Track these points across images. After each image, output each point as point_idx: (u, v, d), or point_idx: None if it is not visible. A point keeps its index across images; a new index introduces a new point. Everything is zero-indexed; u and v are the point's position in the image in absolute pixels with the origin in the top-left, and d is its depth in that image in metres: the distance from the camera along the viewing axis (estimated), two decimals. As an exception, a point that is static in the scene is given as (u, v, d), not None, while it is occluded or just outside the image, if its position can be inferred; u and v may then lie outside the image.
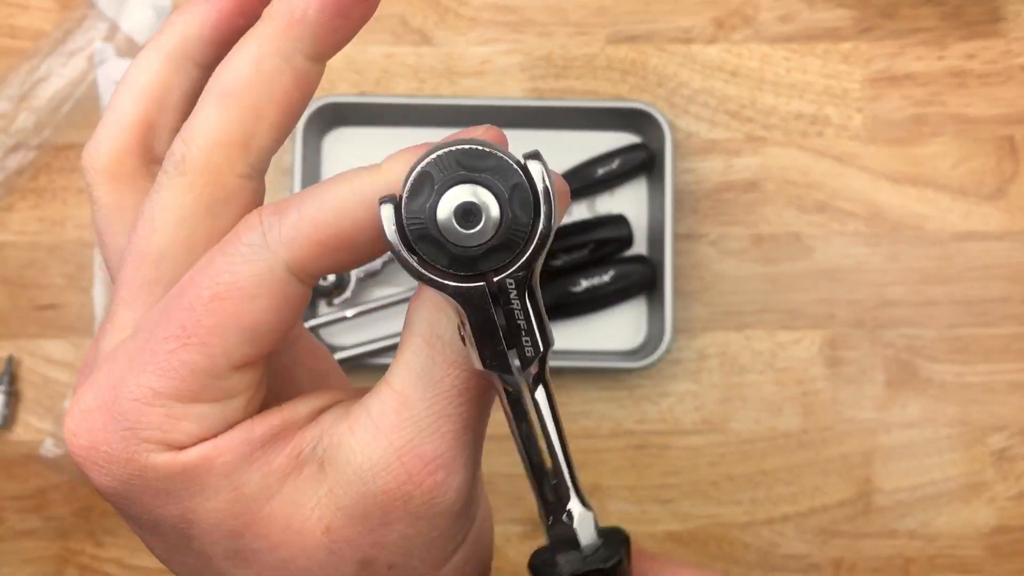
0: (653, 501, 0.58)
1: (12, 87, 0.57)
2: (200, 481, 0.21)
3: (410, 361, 0.21)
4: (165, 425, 0.20)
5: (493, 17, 0.61)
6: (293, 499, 0.21)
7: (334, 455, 0.21)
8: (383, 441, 0.21)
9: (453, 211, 0.19)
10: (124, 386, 0.20)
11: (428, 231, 0.19)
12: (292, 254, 0.20)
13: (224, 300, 0.20)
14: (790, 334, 0.59)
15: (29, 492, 0.57)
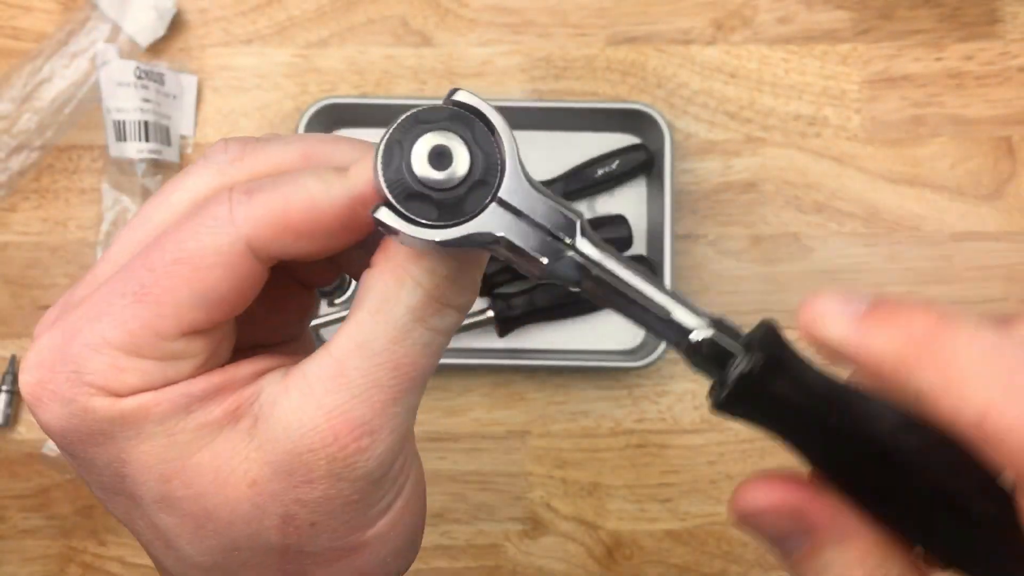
0: (652, 500, 0.58)
1: (15, 88, 0.58)
2: (136, 426, 0.22)
3: (353, 331, 0.22)
4: (108, 373, 0.21)
5: (493, 18, 0.61)
6: (223, 450, 0.22)
7: (267, 412, 0.22)
8: (314, 402, 0.22)
9: (427, 158, 0.21)
10: (79, 332, 0.22)
11: (411, 187, 0.21)
12: (255, 232, 0.22)
13: (183, 264, 0.21)
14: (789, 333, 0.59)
15: (32, 491, 0.58)
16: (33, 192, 0.59)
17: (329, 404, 0.22)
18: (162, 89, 0.58)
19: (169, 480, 0.22)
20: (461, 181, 0.21)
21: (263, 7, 0.61)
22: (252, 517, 0.22)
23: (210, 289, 0.22)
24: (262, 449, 0.22)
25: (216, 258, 0.21)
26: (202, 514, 0.22)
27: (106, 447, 0.22)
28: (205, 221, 0.22)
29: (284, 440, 0.22)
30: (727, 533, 0.58)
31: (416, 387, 0.23)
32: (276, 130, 0.60)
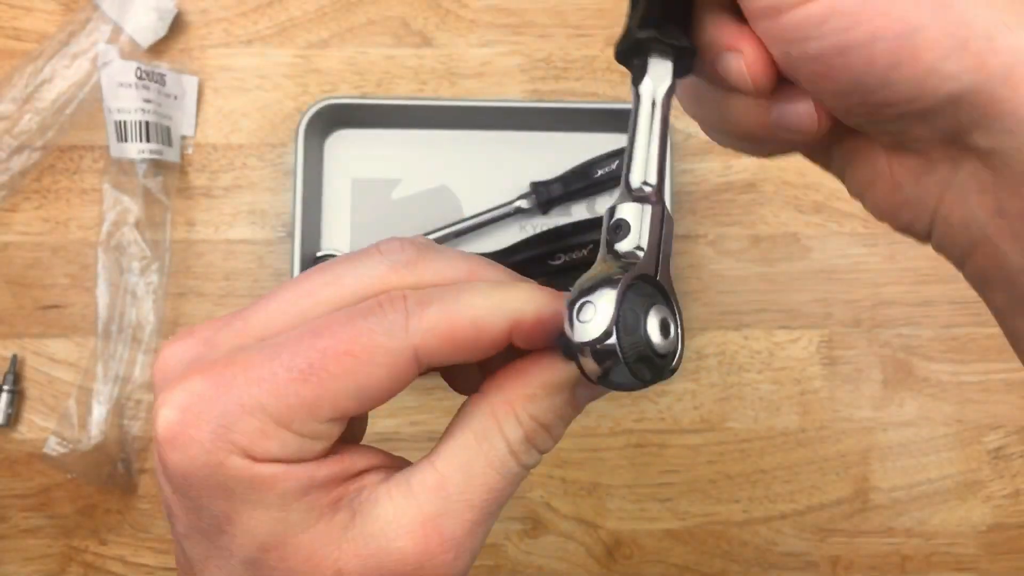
0: (652, 499, 0.59)
1: (16, 89, 0.58)
2: (260, 493, 0.23)
3: (457, 450, 0.24)
4: (255, 437, 0.22)
5: (493, 19, 0.61)
6: (321, 536, 0.23)
7: (368, 509, 0.24)
8: (414, 509, 0.24)
9: (659, 327, 0.23)
10: (235, 389, 0.23)
11: (644, 352, 0.23)
12: (424, 343, 0.23)
13: (354, 358, 0.23)
14: (788, 334, 0.60)
15: (33, 490, 0.58)
16: (34, 192, 0.59)
17: (427, 512, 0.24)
18: (163, 90, 0.58)
19: (268, 550, 0.23)
20: (676, 348, 0.24)
21: (264, 8, 0.61)
22: None
23: (372, 386, 0.23)
24: (355, 542, 0.23)
25: (385, 359, 0.23)
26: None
27: (222, 501, 0.23)
28: (383, 323, 0.23)
29: (379, 538, 0.23)
30: (727, 533, 0.59)
31: (496, 513, 0.25)
32: (276, 130, 0.60)
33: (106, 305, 0.58)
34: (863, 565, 0.59)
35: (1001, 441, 0.59)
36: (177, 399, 0.23)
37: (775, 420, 0.59)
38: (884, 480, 0.59)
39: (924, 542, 0.59)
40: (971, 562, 0.59)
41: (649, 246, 0.25)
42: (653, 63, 0.26)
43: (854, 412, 0.59)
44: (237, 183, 0.60)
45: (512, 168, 0.59)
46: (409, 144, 0.60)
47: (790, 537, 0.59)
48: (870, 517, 0.59)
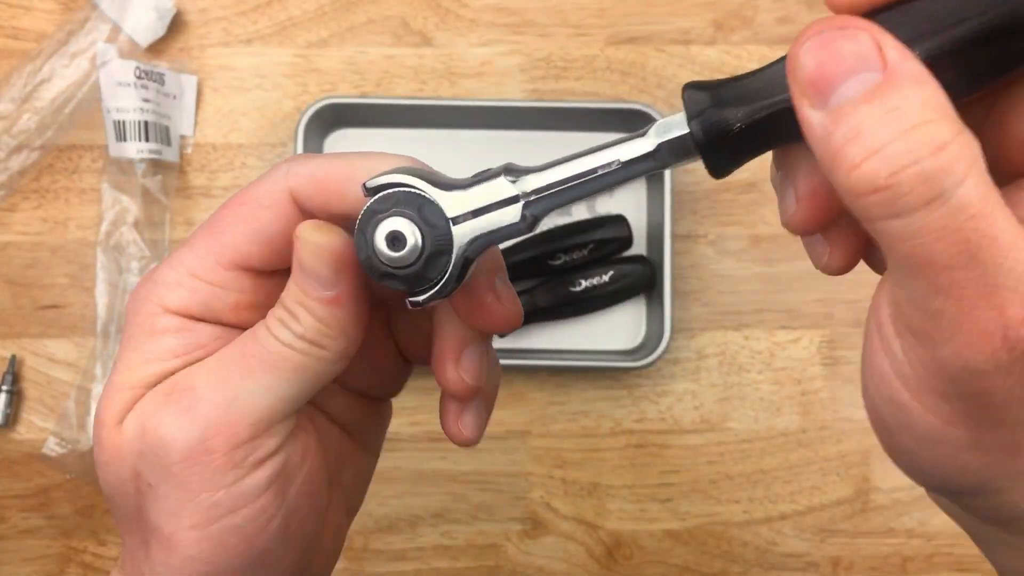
0: (652, 500, 0.58)
1: (15, 88, 0.58)
2: (145, 341, 0.26)
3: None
4: (170, 286, 0.26)
5: (493, 19, 0.61)
6: (135, 404, 0.26)
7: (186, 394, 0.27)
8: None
9: (386, 241, 0.24)
10: (173, 257, 0.27)
11: (380, 268, 0.24)
12: (298, 185, 0.26)
13: (245, 205, 0.26)
14: (788, 334, 0.59)
15: (32, 491, 0.58)
16: (33, 192, 0.59)
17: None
18: (162, 89, 0.58)
19: (105, 393, 0.26)
20: (418, 257, 0.24)
21: (263, 7, 0.61)
22: (116, 461, 0.25)
23: (262, 227, 0.26)
24: (142, 400, 0.26)
25: (267, 200, 0.26)
26: (99, 443, 0.26)
27: (123, 343, 0.26)
28: (269, 175, 0.27)
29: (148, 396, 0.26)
30: (727, 533, 0.58)
31: (261, 374, 0.26)
32: (276, 130, 0.60)
33: (105, 305, 0.58)
34: (864, 566, 0.59)
35: (1002, 441, 0.59)
36: (145, 274, 0.28)
37: (776, 420, 0.59)
38: (885, 480, 0.59)
39: (925, 543, 0.59)
40: (972, 563, 0.59)
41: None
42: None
43: (855, 412, 0.59)
44: (236, 183, 0.60)
45: (512, 168, 0.59)
46: (409, 144, 0.59)
47: (791, 538, 0.59)
48: (871, 518, 0.59)
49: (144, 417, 0.25)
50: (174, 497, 0.24)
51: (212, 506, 0.24)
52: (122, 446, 0.25)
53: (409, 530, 0.58)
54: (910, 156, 0.18)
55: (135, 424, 0.25)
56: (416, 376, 0.60)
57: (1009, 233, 0.18)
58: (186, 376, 0.25)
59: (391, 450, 0.58)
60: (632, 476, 0.59)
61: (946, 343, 0.19)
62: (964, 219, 0.18)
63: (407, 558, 0.58)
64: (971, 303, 0.18)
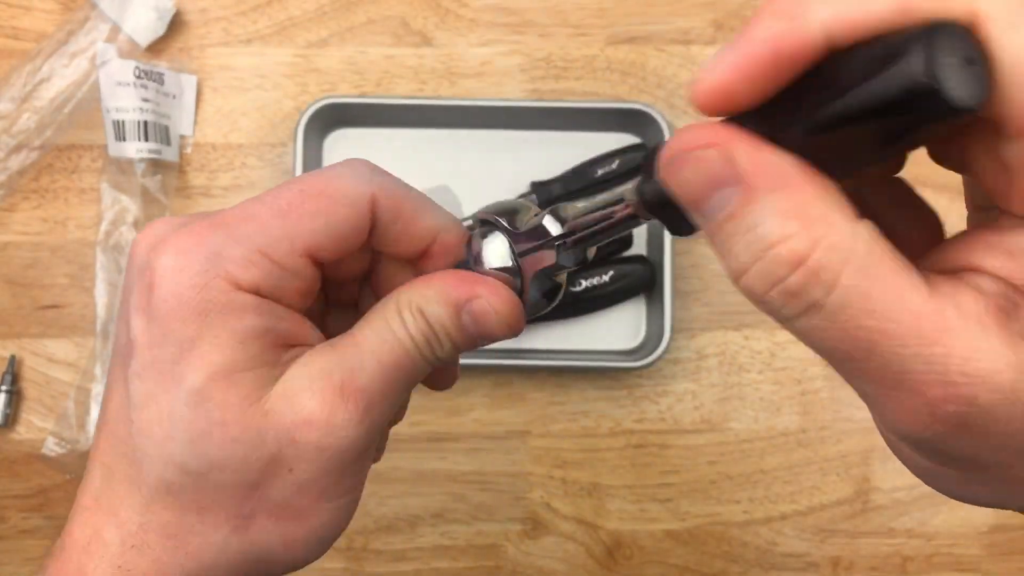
0: (652, 500, 0.58)
1: (14, 88, 0.58)
2: (231, 318, 0.25)
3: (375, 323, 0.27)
4: (241, 264, 0.25)
5: (493, 18, 0.61)
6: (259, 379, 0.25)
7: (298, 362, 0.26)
8: (334, 360, 0.26)
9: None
10: (229, 227, 0.25)
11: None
12: (381, 191, 0.27)
13: (328, 198, 0.26)
14: (789, 334, 0.59)
15: (31, 491, 0.57)
16: (32, 192, 0.59)
17: (343, 362, 0.26)
18: (162, 89, 0.58)
19: (216, 379, 0.25)
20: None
21: (263, 7, 0.61)
22: (253, 443, 0.25)
23: (339, 224, 0.26)
24: (283, 384, 0.25)
25: (349, 199, 0.26)
26: (219, 423, 0.25)
27: (194, 324, 0.25)
28: (350, 171, 0.27)
29: (302, 380, 0.26)
30: (727, 533, 0.58)
31: (400, 387, 0.27)
32: (276, 130, 0.60)
33: (105, 305, 0.57)
34: (864, 566, 0.59)
35: (1002, 442, 0.59)
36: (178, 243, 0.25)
37: (776, 420, 0.59)
38: (885, 481, 0.59)
39: (925, 543, 0.59)
40: (973, 563, 0.59)
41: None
42: None
43: (855, 412, 0.59)
44: (236, 183, 0.60)
45: (512, 168, 0.59)
46: (409, 144, 0.59)
47: (791, 538, 0.59)
48: (871, 518, 0.59)
49: (311, 411, 0.25)
50: (321, 483, 0.26)
51: (351, 488, 0.27)
52: (266, 429, 0.25)
53: (409, 530, 0.58)
54: (771, 278, 0.19)
55: (291, 412, 0.25)
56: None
57: (907, 316, 0.18)
58: (350, 375, 0.26)
59: (391, 450, 0.57)
60: (632, 476, 0.58)
61: (885, 418, 0.19)
62: (846, 320, 0.18)
63: (407, 558, 0.58)
64: (888, 390, 0.19)
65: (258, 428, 0.25)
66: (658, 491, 0.59)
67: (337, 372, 0.26)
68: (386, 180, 0.27)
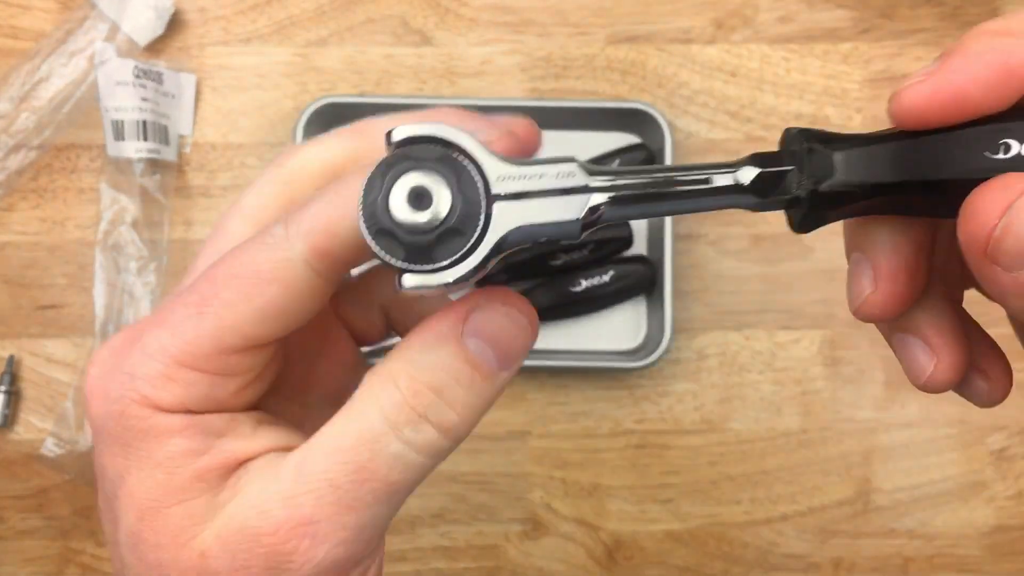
0: (653, 500, 0.58)
1: (13, 87, 0.57)
2: (152, 447, 0.22)
3: (330, 426, 0.22)
4: (157, 381, 0.22)
5: (493, 18, 0.61)
6: (193, 513, 0.22)
7: (243, 488, 0.22)
8: (273, 487, 0.21)
9: (406, 196, 0.20)
10: (143, 336, 0.22)
11: (382, 223, 0.20)
12: (308, 246, 0.21)
13: (242, 279, 0.22)
14: (789, 334, 0.59)
15: (30, 491, 0.57)
16: (31, 192, 0.59)
17: (285, 492, 0.21)
18: (160, 88, 0.58)
19: (144, 519, 0.22)
20: (436, 226, 0.20)
21: (262, 6, 0.61)
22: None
23: (270, 305, 0.22)
24: (219, 522, 0.22)
25: (274, 274, 0.21)
26: (155, 565, 0.22)
27: (120, 458, 0.22)
28: (265, 238, 0.22)
29: (240, 518, 0.21)
30: (728, 534, 0.58)
31: (377, 502, 0.22)
32: (275, 129, 0.60)
33: (103, 305, 0.57)
34: (865, 567, 0.58)
35: (1004, 442, 0.59)
36: (98, 356, 0.23)
37: (777, 421, 0.59)
38: (886, 481, 0.59)
39: (926, 544, 0.59)
40: (974, 564, 0.59)
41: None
42: None
43: (856, 413, 0.59)
44: (235, 182, 0.59)
45: (512, 167, 0.59)
46: (408, 143, 0.59)
47: (792, 538, 0.58)
48: (872, 518, 0.59)
49: (246, 560, 0.21)
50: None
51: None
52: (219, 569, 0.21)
53: (408, 531, 0.58)
54: None
55: (229, 559, 0.21)
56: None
57: None
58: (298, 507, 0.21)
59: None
60: (632, 477, 0.58)
61: None
62: None
63: (407, 559, 0.58)
64: None
65: (197, 571, 0.21)
66: (659, 492, 0.58)
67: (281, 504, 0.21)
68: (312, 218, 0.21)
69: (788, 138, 0.23)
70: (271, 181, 0.25)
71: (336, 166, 0.24)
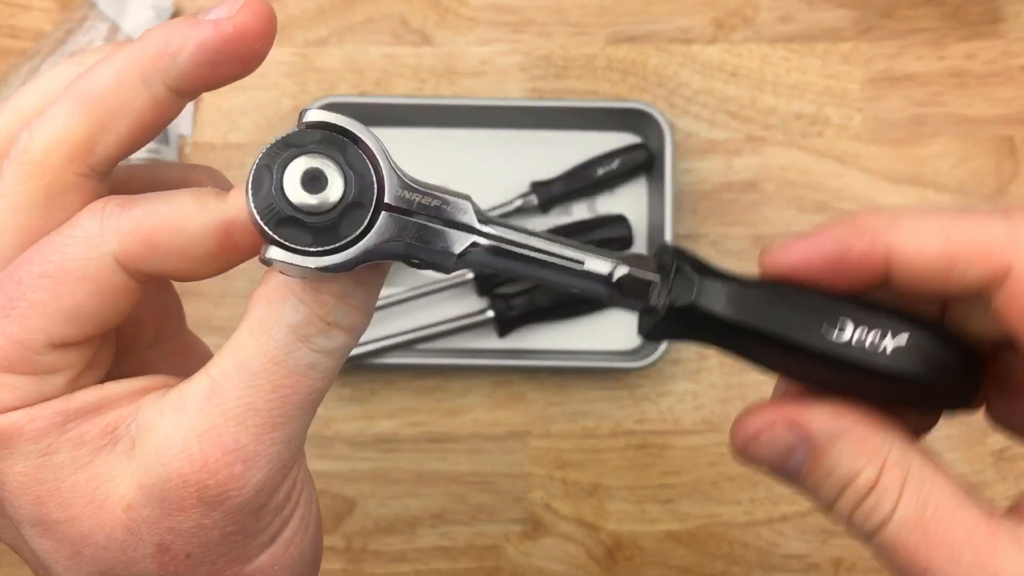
0: (653, 501, 0.58)
1: (13, 87, 0.57)
2: (8, 445, 0.21)
3: (232, 350, 0.22)
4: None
5: (493, 17, 0.61)
6: (100, 473, 0.21)
7: (143, 434, 0.21)
8: (186, 424, 0.21)
9: (300, 180, 0.20)
10: None
11: (283, 212, 0.20)
12: (123, 247, 0.21)
13: (50, 278, 0.21)
14: (790, 334, 0.59)
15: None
16: (31, 192, 0.59)
17: (201, 426, 0.21)
18: (160, 88, 0.58)
19: (44, 502, 0.21)
20: (336, 204, 0.20)
21: (262, 6, 0.61)
22: (127, 544, 0.22)
23: (79, 304, 0.21)
24: (136, 473, 0.21)
25: (83, 272, 0.21)
26: (78, 539, 0.21)
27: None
28: (75, 232, 0.21)
29: (157, 464, 0.21)
30: (728, 534, 0.58)
31: (300, 412, 0.22)
32: (275, 129, 0.60)
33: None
34: (865, 567, 0.58)
35: (1005, 442, 0.59)
36: None
37: (777, 421, 0.59)
38: (887, 482, 0.59)
39: (927, 544, 0.59)
40: (974, 564, 0.58)
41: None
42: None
43: (856, 413, 0.59)
44: (236, 183, 0.59)
45: (512, 167, 0.59)
46: (408, 143, 0.59)
47: (792, 539, 0.58)
48: (873, 519, 0.59)
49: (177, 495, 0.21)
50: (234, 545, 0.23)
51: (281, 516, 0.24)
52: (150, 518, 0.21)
53: (408, 531, 0.58)
54: (852, 504, 0.23)
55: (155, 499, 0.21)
56: (415, 376, 0.60)
57: (960, 532, 0.22)
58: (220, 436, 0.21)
59: (391, 451, 0.58)
60: (633, 477, 0.58)
61: None
62: (909, 531, 0.22)
63: (406, 559, 0.58)
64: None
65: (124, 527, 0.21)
66: (659, 492, 0.58)
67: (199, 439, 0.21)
68: (127, 217, 0.21)
69: (662, 252, 0.25)
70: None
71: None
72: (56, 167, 0.22)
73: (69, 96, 0.22)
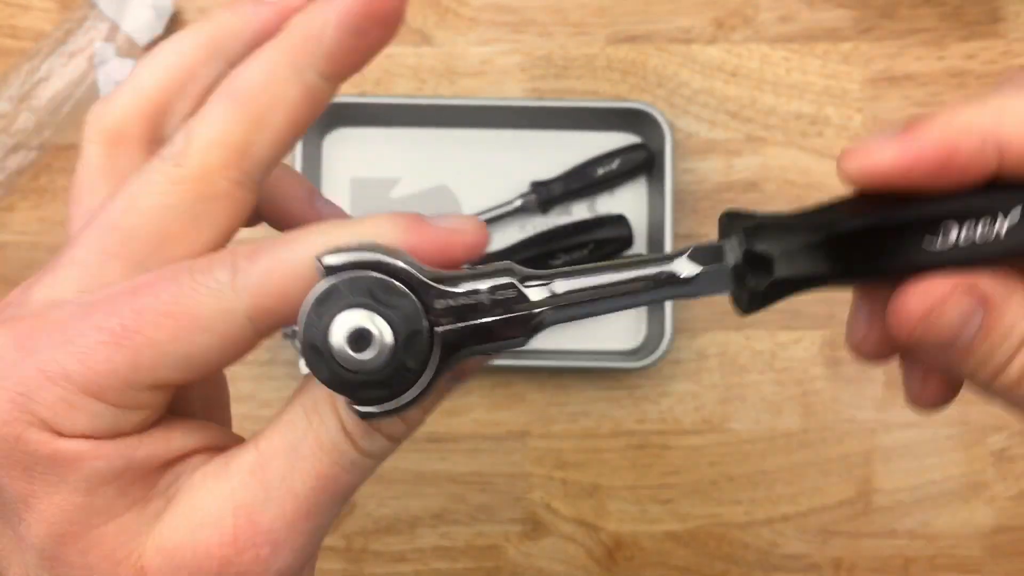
0: (653, 501, 0.58)
1: (13, 87, 0.57)
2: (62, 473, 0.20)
3: (283, 429, 0.21)
4: (58, 408, 0.19)
5: (493, 17, 0.61)
6: (128, 528, 0.21)
7: (179, 496, 0.21)
8: (227, 494, 0.21)
9: (348, 344, 0.19)
10: (38, 352, 0.20)
11: (351, 380, 0.20)
12: (256, 302, 0.20)
13: (175, 321, 0.20)
14: (790, 334, 0.59)
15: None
16: (31, 192, 0.59)
17: (240, 500, 0.20)
18: (160, 88, 0.58)
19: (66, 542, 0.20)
20: (392, 348, 0.20)
21: (262, 6, 0.61)
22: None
23: (199, 353, 0.20)
24: (161, 535, 0.20)
25: (211, 324, 0.20)
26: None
27: (21, 481, 0.20)
28: (208, 283, 0.20)
29: (184, 530, 0.20)
30: (728, 534, 0.58)
31: (332, 506, 0.22)
32: (275, 129, 0.60)
33: (103, 305, 0.57)
34: (866, 567, 0.58)
35: (1005, 442, 0.59)
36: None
37: (777, 421, 0.59)
38: (887, 481, 0.59)
39: (927, 544, 0.59)
40: (975, 564, 0.58)
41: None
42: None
43: (857, 413, 0.59)
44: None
45: (512, 167, 0.59)
46: (408, 143, 0.59)
47: (792, 539, 0.58)
48: (873, 519, 0.59)
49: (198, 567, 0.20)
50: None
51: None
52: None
53: (408, 531, 0.58)
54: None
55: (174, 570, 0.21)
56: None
57: None
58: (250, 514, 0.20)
59: (390, 451, 0.57)
60: (633, 477, 0.58)
61: None
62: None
63: (406, 559, 0.58)
64: None
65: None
66: (659, 492, 0.58)
67: (233, 512, 0.20)
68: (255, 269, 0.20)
69: (721, 220, 0.23)
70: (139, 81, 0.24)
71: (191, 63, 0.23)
72: (211, 172, 0.21)
73: (223, 96, 0.22)
